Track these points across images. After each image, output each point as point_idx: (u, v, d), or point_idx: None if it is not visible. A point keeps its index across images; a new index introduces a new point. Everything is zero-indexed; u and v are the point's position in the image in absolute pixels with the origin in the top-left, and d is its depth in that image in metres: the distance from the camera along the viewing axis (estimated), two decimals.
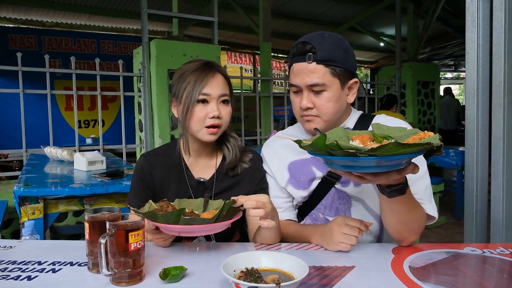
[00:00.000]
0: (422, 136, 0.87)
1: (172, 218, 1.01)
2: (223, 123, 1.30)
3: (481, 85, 1.65)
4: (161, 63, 3.66)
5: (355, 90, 1.28)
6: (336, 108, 1.23)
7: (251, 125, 6.48)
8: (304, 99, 1.22)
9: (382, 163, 0.84)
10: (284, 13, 8.47)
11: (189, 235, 1.06)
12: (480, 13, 1.63)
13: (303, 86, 1.22)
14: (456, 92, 17.97)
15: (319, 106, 1.22)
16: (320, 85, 1.19)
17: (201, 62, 1.31)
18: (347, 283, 0.92)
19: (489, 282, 0.96)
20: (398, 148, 0.79)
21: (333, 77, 1.20)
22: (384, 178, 0.91)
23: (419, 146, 0.79)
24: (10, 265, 1.03)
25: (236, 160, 1.37)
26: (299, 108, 1.26)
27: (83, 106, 7.34)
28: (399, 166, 0.88)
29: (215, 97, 1.27)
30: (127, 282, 0.91)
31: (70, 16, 8.02)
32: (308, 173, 1.30)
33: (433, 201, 1.22)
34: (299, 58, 1.21)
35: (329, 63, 1.18)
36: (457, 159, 4.56)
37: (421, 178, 1.20)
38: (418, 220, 1.14)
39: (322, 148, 0.85)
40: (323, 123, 1.24)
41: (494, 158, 1.58)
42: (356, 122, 1.32)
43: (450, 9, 7.68)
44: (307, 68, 1.19)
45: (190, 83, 1.27)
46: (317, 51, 1.18)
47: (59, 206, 2.01)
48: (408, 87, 6.22)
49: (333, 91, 1.21)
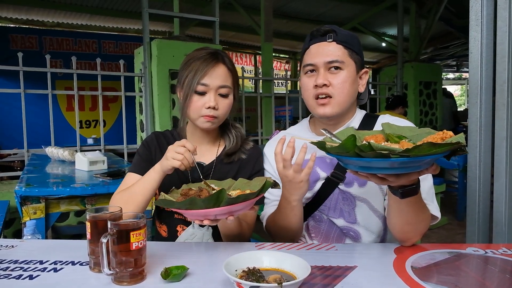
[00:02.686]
0: (442, 135, 0.86)
1: (212, 201, 0.97)
2: (220, 114, 1.31)
3: (485, 85, 1.64)
4: (162, 63, 3.66)
5: (365, 81, 1.31)
6: (350, 91, 1.25)
7: (252, 126, 6.48)
8: (320, 77, 1.23)
9: (411, 164, 0.83)
10: (285, 13, 8.47)
11: (224, 216, 1.03)
12: (484, 12, 1.62)
13: (320, 64, 1.24)
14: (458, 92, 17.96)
15: (335, 84, 1.23)
16: (339, 62, 1.22)
17: (207, 51, 1.32)
18: (349, 283, 0.92)
19: (492, 282, 0.95)
20: (430, 148, 0.79)
21: (351, 58, 1.24)
22: (405, 178, 0.91)
23: (449, 146, 0.79)
24: (12, 264, 1.03)
25: (235, 148, 1.40)
26: (312, 88, 1.25)
27: (84, 106, 7.34)
28: (422, 166, 0.87)
29: (213, 88, 1.29)
30: (129, 281, 0.91)
31: (71, 16, 8.02)
32: (312, 174, 1.29)
33: (436, 201, 1.22)
34: (318, 39, 1.26)
35: (348, 45, 1.24)
36: (458, 160, 4.54)
37: (425, 178, 1.20)
38: (424, 221, 1.13)
39: (351, 149, 0.83)
40: (338, 106, 1.24)
41: (497, 158, 1.58)
42: (361, 122, 1.32)
43: (452, 9, 7.66)
44: (327, 46, 1.24)
45: (191, 72, 1.29)
46: (338, 34, 1.24)
47: (61, 206, 2.01)
48: (410, 87, 6.21)
49: (349, 72, 1.24)
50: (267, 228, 1.40)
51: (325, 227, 1.34)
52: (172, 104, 3.74)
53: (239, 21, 8.51)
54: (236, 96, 1.37)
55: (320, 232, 1.35)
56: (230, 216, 1.03)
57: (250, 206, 1.06)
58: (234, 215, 1.04)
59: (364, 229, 1.30)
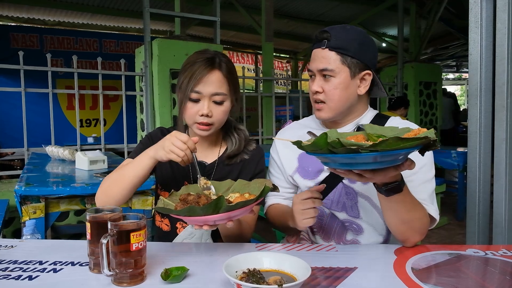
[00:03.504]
0: (417, 132, 0.89)
1: (210, 208, 0.97)
2: (215, 121, 1.30)
3: (484, 86, 1.64)
4: (163, 62, 3.66)
5: (368, 82, 1.30)
6: (343, 96, 1.26)
7: (253, 125, 6.47)
8: (314, 83, 1.28)
9: (381, 159, 0.85)
10: (286, 13, 8.47)
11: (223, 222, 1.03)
12: (483, 14, 1.62)
13: (315, 71, 1.28)
14: (458, 93, 17.95)
15: (327, 91, 1.26)
16: (328, 70, 1.24)
17: (205, 57, 1.30)
18: (349, 285, 0.92)
19: (492, 284, 0.95)
20: (397, 142, 0.81)
21: (343, 65, 1.24)
22: (382, 175, 0.93)
23: (417, 140, 0.82)
24: (11, 264, 1.03)
25: (238, 150, 1.40)
26: (312, 92, 1.30)
27: (85, 105, 7.33)
28: (396, 162, 0.90)
29: (206, 95, 1.27)
30: (129, 282, 0.91)
31: (72, 15, 8.02)
32: (317, 164, 1.33)
33: (436, 204, 1.23)
34: (316, 45, 1.28)
35: (341, 51, 1.23)
36: (458, 160, 4.54)
37: (429, 181, 1.22)
38: (420, 219, 1.14)
39: (323, 146, 0.86)
40: (330, 112, 1.28)
41: (497, 159, 1.58)
42: (372, 121, 1.33)
43: (452, 10, 7.66)
44: (320, 53, 1.26)
45: (187, 78, 1.28)
46: (332, 39, 1.24)
47: (61, 206, 2.01)
48: (410, 87, 6.21)
49: (341, 79, 1.24)
50: (266, 215, 1.47)
51: (327, 221, 1.36)
52: (172, 103, 3.75)
53: (240, 21, 8.51)
54: (237, 99, 1.36)
55: (322, 226, 1.37)
56: (230, 221, 1.03)
57: (250, 210, 1.06)
58: (233, 219, 1.04)
59: (367, 224, 1.32)
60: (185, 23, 6.22)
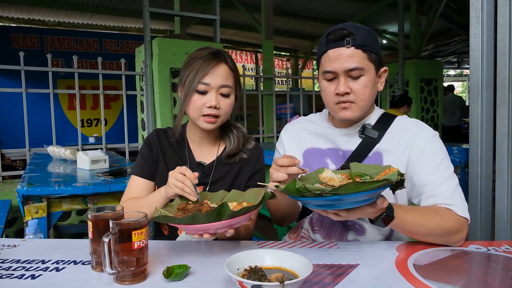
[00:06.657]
0: (387, 172, 0.96)
1: (214, 214, 0.98)
2: (222, 113, 1.31)
3: (486, 82, 1.64)
4: (163, 61, 3.66)
5: (384, 78, 1.30)
6: (371, 94, 1.25)
7: (253, 123, 6.48)
8: (341, 85, 1.21)
9: (346, 201, 0.91)
10: (286, 11, 8.46)
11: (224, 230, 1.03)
12: (484, 8, 1.61)
13: (340, 71, 1.21)
14: (459, 89, 17.91)
15: (357, 91, 1.22)
16: (359, 69, 1.20)
17: (209, 51, 1.32)
18: (351, 281, 0.92)
19: (494, 279, 0.95)
20: (357, 186, 0.87)
21: (370, 62, 1.21)
22: (358, 213, 0.96)
23: (377, 183, 0.87)
24: (14, 264, 1.03)
25: (237, 149, 1.40)
26: (334, 95, 1.24)
27: (86, 105, 7.34)
28: (369, 201, 0.93)
29: (214, 87, 1.29)
30: (131, 280, 0.91)
31: (72, 15, 8.03)
32: (321, 163, 1.32)
33: (462, 198, 1.18)
34: (336, 44, 1.21)
35: (366, 48, 1.20)
36: (460, 157, 4.52)
37: (450, 178, 1.19)
38: (439, 224, 1.11)
39: (294, 191, 0.93)
40: (359, 111, 1.25)
41: (499, 155, 1.57)
42: (378, 120, 1.32)
43: (453, 6, 7.65)
44: (345, 52, 1.20)
45: (193, 71, 1.29)
46: (356, 37, 1.19)
47: (63, 205, 2.02)
48: (411, 84, 6.20)
49: (370, 76, 1.22)
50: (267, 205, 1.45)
51: (329, 220, 1.35)
52: (173, 102, 3.75)
53: (240, 19, 8.50)
54: (238, 96, 1.37)
55: (324, 225, 1.36)
56: (230, 229, 1.04)
57: (249, 218, 1.07)
58: (233, 227, 1.04)
59: (370, 225, 1.30)
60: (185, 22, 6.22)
